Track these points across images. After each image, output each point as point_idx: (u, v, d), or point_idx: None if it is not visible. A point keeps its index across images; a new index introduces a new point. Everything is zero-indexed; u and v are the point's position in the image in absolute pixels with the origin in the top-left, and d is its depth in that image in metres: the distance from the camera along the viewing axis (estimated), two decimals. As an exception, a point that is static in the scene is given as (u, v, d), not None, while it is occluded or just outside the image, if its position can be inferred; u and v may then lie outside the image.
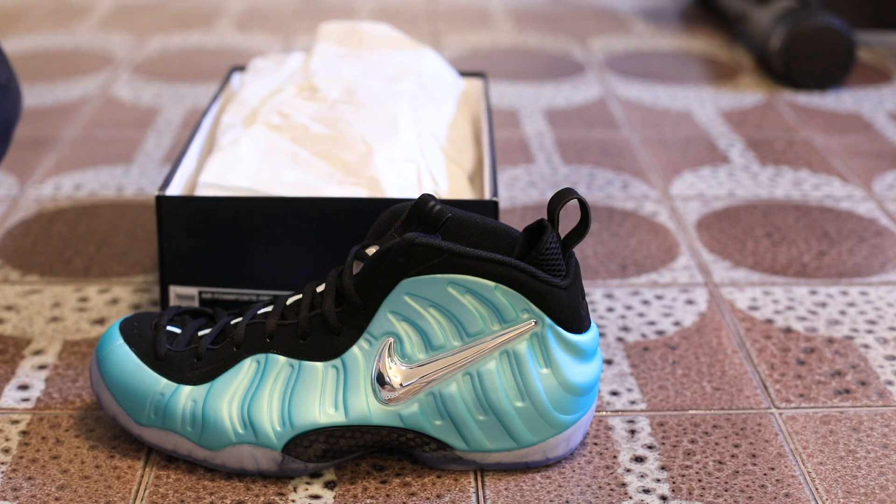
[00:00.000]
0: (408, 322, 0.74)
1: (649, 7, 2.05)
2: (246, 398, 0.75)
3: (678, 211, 1.19)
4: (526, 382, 0.75)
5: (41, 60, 1.68)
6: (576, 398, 0.76)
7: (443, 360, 0.75)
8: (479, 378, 0.75)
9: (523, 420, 0.75)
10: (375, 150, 0.93)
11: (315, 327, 0.76)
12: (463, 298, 0.74)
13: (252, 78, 1.07)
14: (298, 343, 0.76)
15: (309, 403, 0.75)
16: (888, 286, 1.04)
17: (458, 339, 0.74)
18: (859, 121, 1.47)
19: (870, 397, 0.87)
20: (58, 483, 0.76)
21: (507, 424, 0.75)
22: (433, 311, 0.74)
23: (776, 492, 0.76)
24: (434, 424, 0.75)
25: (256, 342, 0.77)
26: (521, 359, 0.74)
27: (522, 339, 0.74)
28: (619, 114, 1.49)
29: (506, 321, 0.74)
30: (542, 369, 0.75)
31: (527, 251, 0.77)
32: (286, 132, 0.95)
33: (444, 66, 1.11)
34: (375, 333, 0.75)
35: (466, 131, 1.06)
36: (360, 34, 1.15)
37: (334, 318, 0.75)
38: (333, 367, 0.75)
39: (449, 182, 0.96)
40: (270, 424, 0.75)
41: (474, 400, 0.75)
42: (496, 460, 0.77)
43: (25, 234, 1.13)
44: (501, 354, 0.75)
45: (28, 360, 0.91)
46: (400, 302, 0.74)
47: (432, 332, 0.74)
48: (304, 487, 0.76)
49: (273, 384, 0.76)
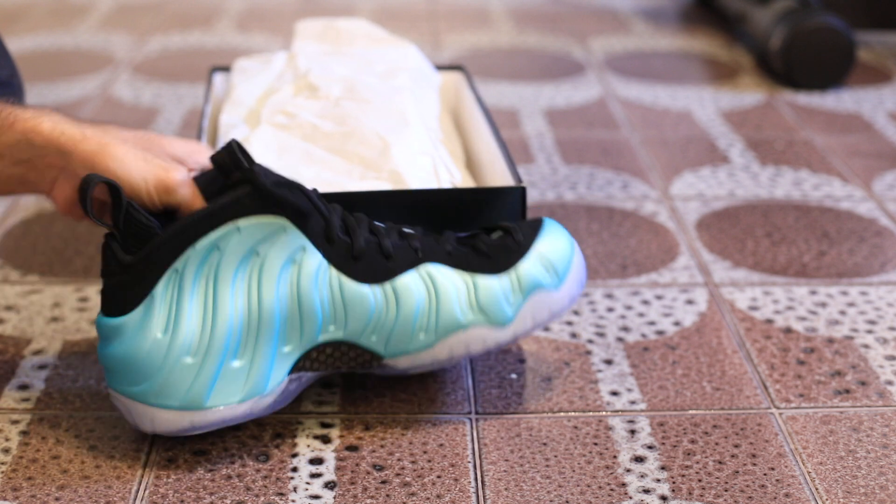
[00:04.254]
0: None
1: (649, 7, 2.05)
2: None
3: (678, 211, 1.19)
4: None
5: (41, 60, 1.68)
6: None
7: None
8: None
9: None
10: (392, 144, 0.93)
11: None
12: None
13: (241, 78, 1.08)
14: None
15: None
16: (888, 286, 1.04)
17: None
18: (859, 121, 1.47)
19: (870, 397, 0.87)
20: (58, 483, 0.76)
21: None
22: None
23: (776, 492, 0.76)
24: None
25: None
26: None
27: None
28: (619, 114, 1.49)
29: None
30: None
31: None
32: (295, 131, 0.96)
33: (424, 61, 1.12)
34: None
35: (450, 124, 1.08)
36: (337, 31, 1.16)
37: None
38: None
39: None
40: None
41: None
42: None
43: (25, 234, 1.13)
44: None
45: (28, 360, 0.91)
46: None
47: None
48: (305, 487, 0.76)
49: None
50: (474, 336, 0.81)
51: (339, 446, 0.80)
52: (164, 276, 0.75)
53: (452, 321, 0.80)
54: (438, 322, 0.80)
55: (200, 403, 0.77)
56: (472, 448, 0.81)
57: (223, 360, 0.77)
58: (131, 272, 0.75)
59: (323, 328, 0.79)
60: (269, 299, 0.77)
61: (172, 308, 0.76)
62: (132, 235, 0.75)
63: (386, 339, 0.80)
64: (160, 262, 0.75)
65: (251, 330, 0.77)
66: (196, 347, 0.76)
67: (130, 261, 0.75)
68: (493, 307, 0.81)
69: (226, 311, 0.76)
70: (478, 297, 0.81)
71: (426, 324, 0.80)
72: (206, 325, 0.76)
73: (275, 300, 0.77)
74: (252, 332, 0.77)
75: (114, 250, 0.75)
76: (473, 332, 0.81)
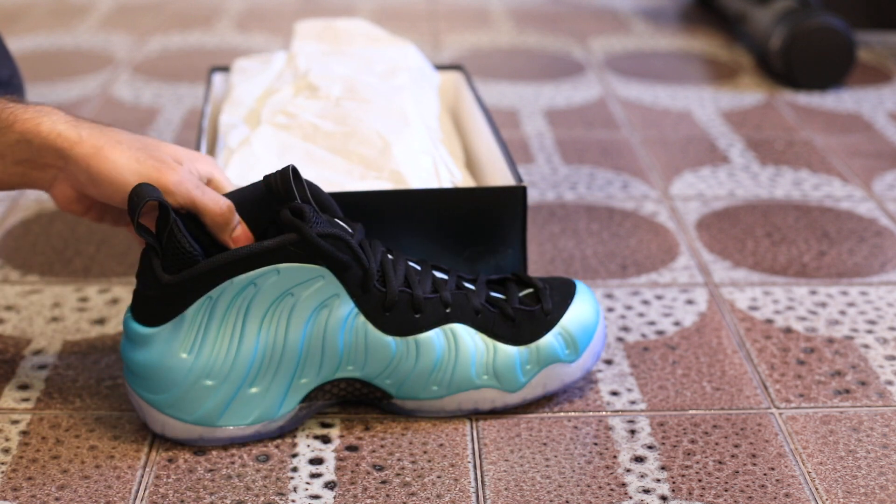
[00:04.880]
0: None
1: (649, 7, 2.05)
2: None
3: (678, 211, 1.19)
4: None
5: (41, 60, 1.68)
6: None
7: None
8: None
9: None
10: (393, 143, 0.93)
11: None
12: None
13: (241, 78, 1.08)
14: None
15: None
16: (888, 286, 1.04)
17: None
18: (859, 121, 1.47)
19: (870, 397, 0.87)
20: (58, 483, 0.76)
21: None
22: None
23: (776, 492, 0.76)
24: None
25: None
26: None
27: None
28: (619, 114, 1.49)
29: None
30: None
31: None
32: (295, 131, 0.96)
33: (423, 61, 1.12)
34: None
35: (449, 124, 1.08)
36: (336, 31, 1.16)
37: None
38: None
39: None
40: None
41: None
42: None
43: (25, 234, 1.13)
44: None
45: (28, 360, 0.91)
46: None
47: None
48: (305, 487, 0.76)
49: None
50: (484, 396, 0.82)
51: (339, 446, 0.80)
52: (198, 301, 0.76)
53: (466, 380, 0.82)
54: (453, 379, 0.81)
55: (213, 422, 0.78)
56: (472, 448, 0.81)
57: (241, 386, 0.78)
58: (167, 291, 0.76)
59: (341, 367, 0.80)
60: (294, 337, 0.78)
61: (200, 331, 0.77)
62: (173, 257, 0.75)
63: (400, 383, 0.81)
64: (196, 288, 0.76)
65: (273, 362, 0.78)
66: (217, 372, 0.77)
67: (168, 281, 0.75)
68: (508, 374, 0.82)
69: (251, 343, 0.77)
70: (495, 362, 0.82)
71: (441, 378, 0.81)
72: (230, 354, 0.77)
73: (300, 339, 0.78)
74: (273, 364, 0.78)
75: (153, 267, 0.76)
76: (484, 392, 0.82)
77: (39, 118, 0.78)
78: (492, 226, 0.90)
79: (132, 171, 0.76)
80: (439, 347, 0.81)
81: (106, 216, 0.83)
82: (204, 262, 0.75)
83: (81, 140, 0.77)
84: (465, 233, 0.90)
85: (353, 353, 0.79)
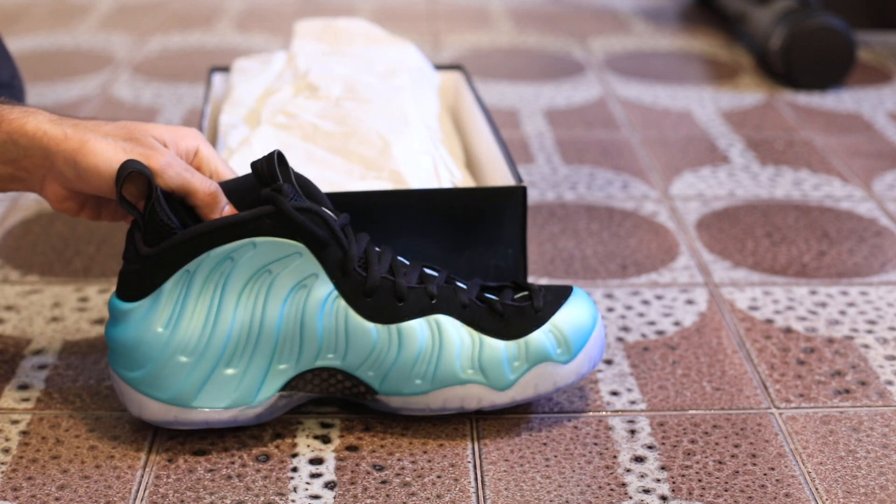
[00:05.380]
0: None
1: (649, 7, 2.05)
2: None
3: (678, 211, 1.19)
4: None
5: (41, 60, 1.68)
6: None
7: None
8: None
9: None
10: (393, 143, 0.93)
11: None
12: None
13: (241, 78, 1.08)
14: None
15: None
16: (888, 286, 1.04)
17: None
18: (859, 121, 1.47)
19: (870, 397, 0.87)
20: (58, 483, 0.76)
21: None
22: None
23: (776, 492, 0.76)
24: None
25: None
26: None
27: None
28: (619, 114, 1.49)
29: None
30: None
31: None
32: (295, 131, 0.96)
33: (423, 61, 1.12)
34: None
35: (449, 123, 1.08)
36: (336, 30, 1.16)
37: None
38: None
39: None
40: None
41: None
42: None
43: (25, 234, 1.13)
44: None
45: (28, 360, 0.91)
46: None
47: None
48: (305, 487, 0.76)
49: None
50: (471, 393, 0.81)
51: (339, 446, 0.80)
52: (175, 275, 0.76)
53: (451, 374, 0.80)
54: (437, 372, 0.80)
55: (188, 402, 0.78)
56: (472, 448, 0.81)
57: (216, 365, 0.78)
58: (146, 263, 0.76)
59: (321, 354, 0.79)
60: (272, 317, 0.77)
61: (177, 306, 0.77)
62: (153, 230, 0.76)
63: (382, 376, 0.80)
64: (174, 260, 0.76)
65: (249, 342, 0.78)
66: (192, 348, 0.77)
67: (147, 253, 0.76)
68: (495, 369, 0.80)
69: (227, 319, 0.77)
70: (481, 356, 0.80)
71: (424, 371, 0.80)
72: (206, 329, 0.77)
73: (277, 318, 0.78)
74: (250, 344, 0.78)
75: (135, 239, 0.77)
76: (470, 388, 0.80)
77: (25, 118, 0.78)
78: (492, 226, 0.90)
79: (119, 160, 0.77)
80: (422, 338, 0.79)
81: (102, 212, 0.83)
82: (181, 232, 0.76)
83: (67, 137, 0.78)
84: (465, 233, 0.90)
85: (332, 338, 0.79)
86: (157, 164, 0.77)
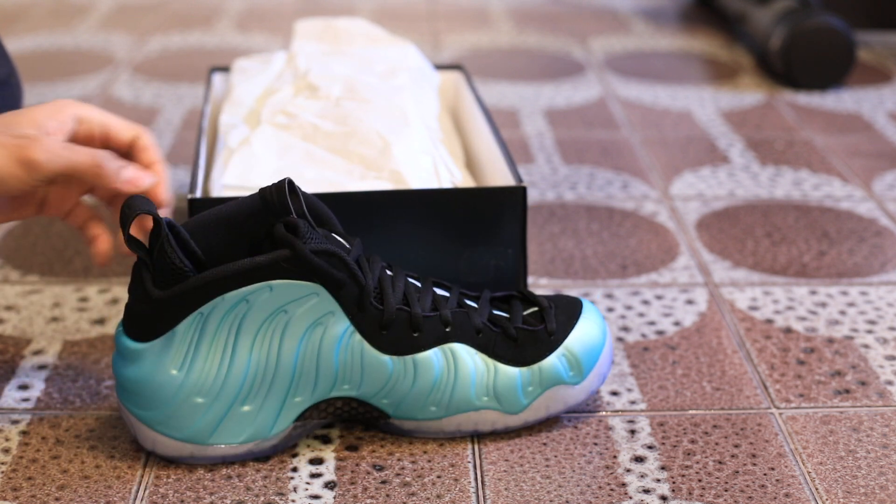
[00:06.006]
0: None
1: (649, 7, 2.05)
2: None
3: (678, 211, 1.19)
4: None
5: (41, 60, 1.68)
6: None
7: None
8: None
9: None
10: (393, 143, 0.93)
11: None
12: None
13: (241, 78, 1.08)
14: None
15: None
16: (888, 286, 1.04)
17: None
18: (859, 121, 1.47)
19: (870, 397, 0.87)
20: (58, 483, 0.76)
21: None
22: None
23: (776, 492, 0.76)
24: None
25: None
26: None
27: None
28: (619, 114, 1.49)
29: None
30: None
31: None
32: (295, 131, 0.96)
33: (423, 60, 1.12)
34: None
35: (449, 123, 1.08)
36: (336, 30, 1.16)
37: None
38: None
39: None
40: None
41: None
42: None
43: (25, 234, 1.13)
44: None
45: (28, 360, 0.91)
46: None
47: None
48: (305, 487, 0.76)
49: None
50: (484, 418, 0.81)
51: (339, 446, 0.80)
52: (189, 317, 0.75)
53: (466, 401, 0.80)
54: (452, 399, 0.80)
55: (204, 440, 0.77)
56: (472, 448, 0.81)
57: (233, 404, 0.77)
58: (158, 306, 0.75)
59: (337, 386, 0.78)
60: (288, 355, 0.77)
61: (191, 348, 0.76)
62: (164, 272, 0.75)
63: (397, 403, 0.80)
64: (187, 304, 0.75)
65: (265, 380, 0.77)
66: (208, 389, 0.76)
67: (159, 296, 0.74)
68: (509, 396, 0.80)
69: (243, 360, 0.76)
70: (496, 383, 0.80)
71: (439, 399, 0.80)
72: (222, 371, 0.76)
73: (294, 356, 0.77)
74: (266, 382, 0.77)
75: (144, 280, 0.75)
76: (484, 414, 0.81)
77: None
78: (492, 226, 0.90)
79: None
80: (438, 367, 0.79)
81: (46, 206, 0.82)
82: (194, 277, 0.74)
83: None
84: (464, 233, 0.90)
85: (348, 371, 0.78)
86: (36, 154, 0.75)
